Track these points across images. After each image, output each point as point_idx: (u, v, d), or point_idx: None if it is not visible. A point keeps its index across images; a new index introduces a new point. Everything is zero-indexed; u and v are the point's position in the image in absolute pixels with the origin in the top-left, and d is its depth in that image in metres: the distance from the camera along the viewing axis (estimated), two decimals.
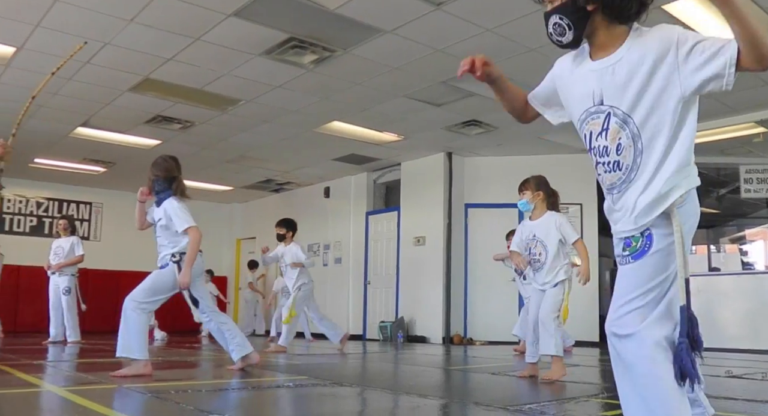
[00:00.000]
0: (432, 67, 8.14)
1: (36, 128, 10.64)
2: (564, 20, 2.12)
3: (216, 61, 8.07)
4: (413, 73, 8.36)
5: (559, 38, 2.16)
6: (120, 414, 3.24)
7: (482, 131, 10.81)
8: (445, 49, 7.60)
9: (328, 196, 15.05)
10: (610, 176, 2.17)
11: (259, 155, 12.77)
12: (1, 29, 7.18)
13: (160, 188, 5.65)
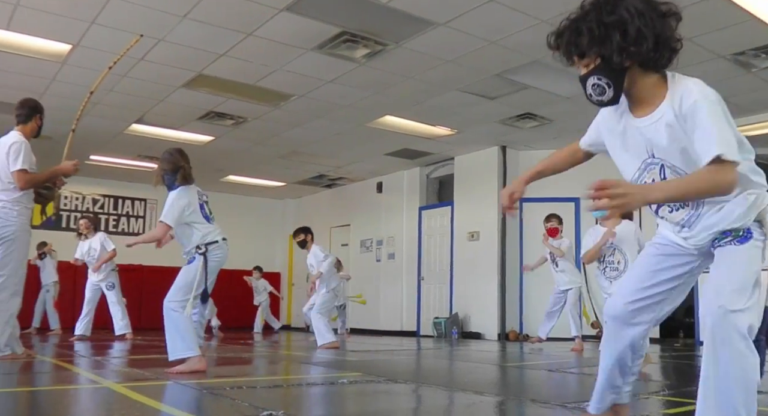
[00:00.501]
0: (486, 59, 8.10)
1: (92, 125, 10.86)
2: (603, 80, 2.22)
3: (268, 57, 8.14)
4: (467, 66, 8.33)
5: (599, 98, 2.27)
6: (176, 410, 3.29)
7: (537, 124, 10.73)
8: (500, 41, 7.56)
9: (381, 191, 15.08)
10: (677, 214, 2.36)
11: (311, 150, 12.85)
12: (58, 27, 7.35)
13: (170, 181, 5.70)
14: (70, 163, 6.13)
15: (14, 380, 4.71)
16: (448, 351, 8.75)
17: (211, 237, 5.56)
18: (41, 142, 9.35)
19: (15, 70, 8.65)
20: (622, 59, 2.18)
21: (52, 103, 9.41)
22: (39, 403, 3.72)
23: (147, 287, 14.04)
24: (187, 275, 5.45)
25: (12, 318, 5.84)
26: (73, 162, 6.15)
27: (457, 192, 13.11)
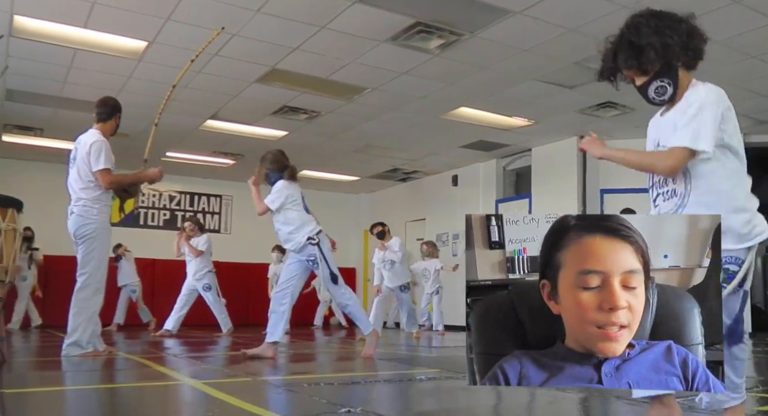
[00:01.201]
0: (564, 47, 7.97)
1: (168, 121, 11.07)
2: (665, 81, 2.64)
3: (341, 50, 8.17)
4: (544, 54, 8.21)
5: (662, 98, 2.69)
6: (254, 407, 3.33)
7: (618, 113, 10.51)
8: (579, 29, 7.42)
9: (456, 184, 15.01)
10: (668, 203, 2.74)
11: (385, 143, 12.87)
12: (134, 24, 7.51)
13: (275, 179, 6.51)
14: (156, 170, 6.36)
15: (96, 377, 4.84)
16: None
17: (316, 228, 6.39)
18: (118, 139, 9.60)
19: (92, 68, 8.88)
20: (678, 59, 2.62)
21: (129, 100, 9.63)
22: (119, 400, 3.81)
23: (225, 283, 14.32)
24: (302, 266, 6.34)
25: (94, 315, 6.01)
26: (158, 169, 6.38)
27: (534, 184, 12.96)
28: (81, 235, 6.03)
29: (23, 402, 3.51)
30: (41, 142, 12.72)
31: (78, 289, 5.99)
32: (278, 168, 6.60)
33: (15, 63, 8.63)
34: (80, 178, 6.10)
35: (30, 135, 12.35)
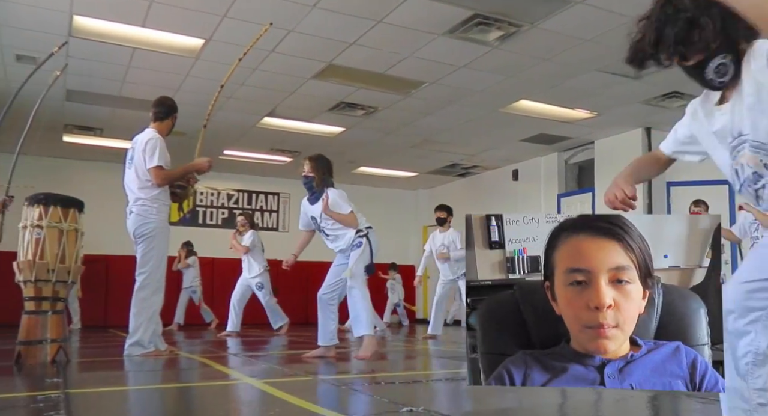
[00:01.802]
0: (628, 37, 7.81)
1: (225, 119, 11.21)
2: (727, 58, 2.18)
3: (398, 44, 8.16)
4: (607, 44, 8.07)
5: (721, 79, 2.22)
6: (315, 406, 3.34)
7: (685, 103, 10.18)
8: None
9: (517, 179, 14.89)
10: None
11: (443, 138, 12.82)
12: (191, 22, 7.61)
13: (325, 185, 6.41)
14: (204, 159, 6.36)
15: (158, 376, 4.91)
16: None
17: (366, 223, 6.35)
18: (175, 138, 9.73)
19: (150, 67, 9.02)
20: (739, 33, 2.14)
21: (186, 98, 9.77)
22: (181, 400, 3.85)
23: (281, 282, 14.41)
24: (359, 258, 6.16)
25: (155, 314, 6.09)
26: (207, 159, 6.38)
27: (598, 178, 12.77)
28: (140, 234, 6.12)
29: (87, 402, 3.57)
30: (101, 142, 12.97)
31: (137, 289, 6.08)
32: (329, 178, 6.45)
33: (74, 63, 8.81)
34: (138, 177, 6.18)
35: (90, 135, 12.60)
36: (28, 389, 4.13)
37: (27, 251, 5.42)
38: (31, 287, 5.35)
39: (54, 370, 4.82)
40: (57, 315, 5.41)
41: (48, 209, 5.48)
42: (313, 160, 6.41)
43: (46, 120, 11.27)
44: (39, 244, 5.40)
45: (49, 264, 5.37)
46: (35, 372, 4.82)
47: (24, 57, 8.33)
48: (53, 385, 3.98)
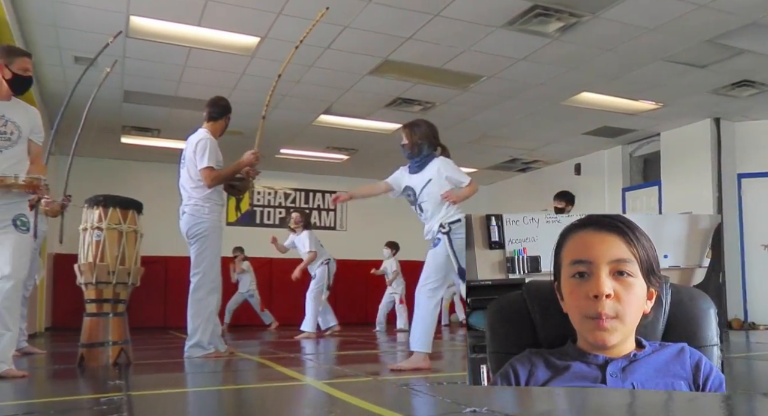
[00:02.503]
0: (695, 24, 7.67)
1: (281, 118, 11.29)
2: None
3: (456, 37, 8.12)
4: (673, 33, 7.93)
5: None
6: (377, 407, 3.33)
7: (756, 91, 10.06)
8: (710, 4, 7.13)
9: (579, 173, 14.73)
10: None
11: (503, 133, 12.74)
12: (246, 20, 7.68)
13: (426, 152, 5.70)
14: (249, 152, 6.36)
15: (218, 378, 4.96)
16: None
17: (453, 215, 5.49)
18: (232, 137, 9.84)
19: (206, 66, 9.13)
20: None
21: (242, 97, 9.88)
22: (242, 401, 3.89)
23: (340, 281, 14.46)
24: (436, 259, 5.44)
25: (212, 315, 6.15)
26: (253, 152, 6.37)
27: (664, 170, 12.57)
28: (193, 234, 6.18)
29: (149, 405, 3.62)
30: (158, 142, 13.19)
31: (193, 290, 6.15)
32: (433, 143, 5.74)
33: (131, 64, 8.97)
34: (191, 177, 6.24)
35: (147, 136, 12.82)
36: (91, 391, 4.21)
37: (87, 253, 5.51)
38: (92, 289, 5.45)
39: (116, 372, 4.90)
40: (118, 317, 5.50)
41: (107, 210, 5.56)
42: (407, 126, 5.81)
43: (104, 122, 11.50)
44: (99, 246, 5.49)
45: (109, 266, 5.46)
46: (97, 375, 4.91)
47: (82, 58, 8.49)
48: (115, 387, 4.04)
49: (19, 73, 4.68)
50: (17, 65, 4.67)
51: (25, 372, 4.65)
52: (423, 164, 5.65)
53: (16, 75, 4.67)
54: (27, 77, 4.76)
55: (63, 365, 5.99)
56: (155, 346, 8.23)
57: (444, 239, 5.35)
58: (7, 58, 4.66)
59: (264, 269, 13.67)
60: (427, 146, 5.67)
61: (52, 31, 7.89)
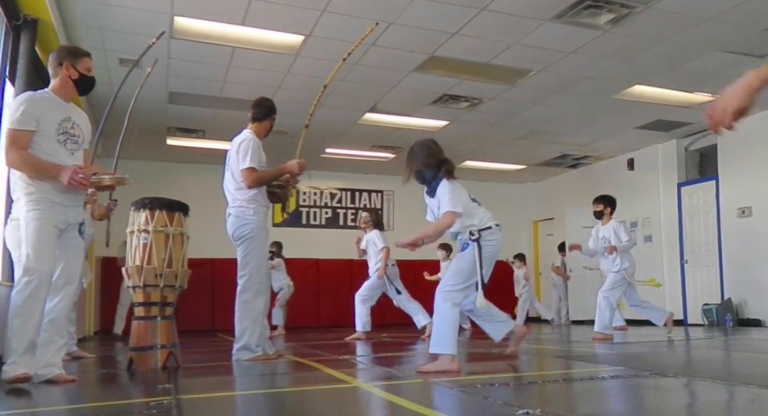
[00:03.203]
0: (753, 13, 7.54)
1: (326, 117, 11.33)
2: None
3: (503, 31, 8.07)
4: (729, 22, 7.80)
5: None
6: (427, 409, 3.32)
7: None
8: None
9: (633, 168, 14.59)
10: None
11: (552, 128, 12.65)
12: (290, 18, 7.72)
13: (430, 176, 5.52)
14: (295, 161, 6.37)
15: (267, 381, 4.98)
16: (723, 341, 8.30)
17: (484, 222, 5.41)
18: (277, 137, 9.89)
19: (251, 66, 9.19)
20: None
21: (286, 97, 9.93)
22: (291, 404, 3.90)
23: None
24: (460, 262, 5.40)
25: (260, 317, 6.17)
26: (298, 161, 6.38)
27: (722, 164, 12.38)
28: (239, 236, 6.21)
29: (198, 408, 3.65)
30: (203, 144, 13.32)
31: (239, 292, 6.17)
32: (434, 164, 5.51)
33: (176, 65, 9.07)
34: (234, 179, 6.26)
35: (192, 137, 12.95)
36: (141, 395, 4.25)
37: (135, 256, 5.56)
38: (140, 292, 5.50)
39: (165, 376, 4.94)
40: (166, 321, 5.54)
41: (154, 213, 5.60)
42: (408, 153, 5.68)
43: (149, 123, 11.65)
44: (146, 249, 5.54)
45: (156, 269, 5.50)
46: (147, 378, 4.96)
47: (126, 60, 8.61)
48: (164, 391, 4.08)
49: (84, 73, 4.77)
50: (83, 65, 4.77)
51: (75, 377, 4.71)
52: (434, 189, 5.51)
53: (83, 75, 4.76)
54: (92, 77, 4.87)
55: (112, 369, 6.07)
56: (203, 349, 8.30)
57: (473, 246, 5.28)
58: (74, 58, 4.75)
59: (311, 271, 13.73)
60: (427, 171, 5.52)
61: (97, 33, 8.01)
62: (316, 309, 13.15)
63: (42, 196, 4.45)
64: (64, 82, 4.73)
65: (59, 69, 4.72)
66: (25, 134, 4.44)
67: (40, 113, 4.53)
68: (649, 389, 4.03)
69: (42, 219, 4.41)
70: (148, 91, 9.66)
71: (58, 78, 4.73)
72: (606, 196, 9.61)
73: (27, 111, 4.47)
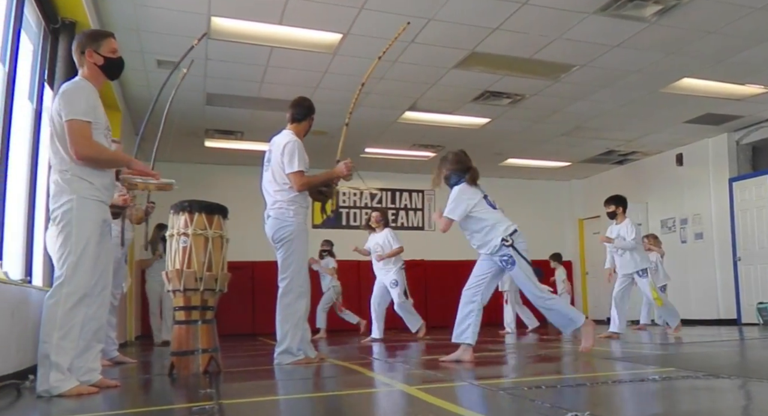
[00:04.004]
0: None
1: (365, 116, 11.35)
2: None
3: (546, 26, 8.03)
4: None
5: None
6: (472, 413, 3.30)
7: None
8: None
9: (681, 163, 14.41)
10: None
11: (597, 124, 12.54)
12: (328, 16, 7.75)
13: (455, 181, 6.22)
14: (343, 164, 6.38)
15: (310, 385, 4.99)
16: None
17: (509, 227, 5.99)
18: (315, 137, 9.92)
19: (289, 66, 9.24)
20: None
21: (325, 96, 9.96)
22: (335, 408, 3.90)
23: (430, 283, 14.44)
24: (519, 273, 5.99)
25: (301, 320, 6.18)
26: (345, 162, 6.39)
27: None
28: (279, 238, 6.22)
29: (241, 413, 3.67)
30: (242, 145, 13.42)
31: (281, 295, 6.19)
32: (460, 170, 6.24)
33: (213, 66, 9.14)
34: (275, 180, 6.27)
35: (231, 139, 13.05)
36: (183, 400, 4.28)
37: (174, 259, 5.60)
38: (180, 296, 5.52)
39: (206, 381, 4.98)
40: (207, 325, 5.56)
41: (193, 216, 5.61)
42: (441, 160, 6.51)
43: (187, 126, 11.76)
44: (186, 252, 5.57)
45: (196, 273, 5.53)
46: (188, 383, 4.99)
47: (165, 62, 8.70)
48: (206, 396, 4.11)
49: (109, 56, 4.51)
50: (106, 48, 4.50)
51: (117, 382, 4.76)
52: None
53: (108, 59, 4.51)
54: (118, 58, 4.59)
55: (154, 374, 6.13)
56: (244, 353, 8.35)
57: (515, 255, 5.83)
58: (95, 43, 4.49)
59: (352, 272, 13.72)
60: (453, 176, 6.28)
61: (135, 35, 8.10)
62: (357, 312, 13.10)
63: (93, 193, 4.30)
64: (92, 71, 4.49)
65: (83, 58, 4.48)
66: (89, 126, 4.26)
67: (95, 104, 4.40)
68: (702, 391, 3.96)
69: (89, 222, 4.28)
70: (185, 93, 9.76)
71: (85, 67, 4.49)
72: (617, 196, 9.75)
73: (88, 101, 4.32)
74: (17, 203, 6.04)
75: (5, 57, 5.43)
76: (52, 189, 4.34)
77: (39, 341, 4.15)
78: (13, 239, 5.85)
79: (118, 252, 6.74)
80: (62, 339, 4.10)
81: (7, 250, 5.48)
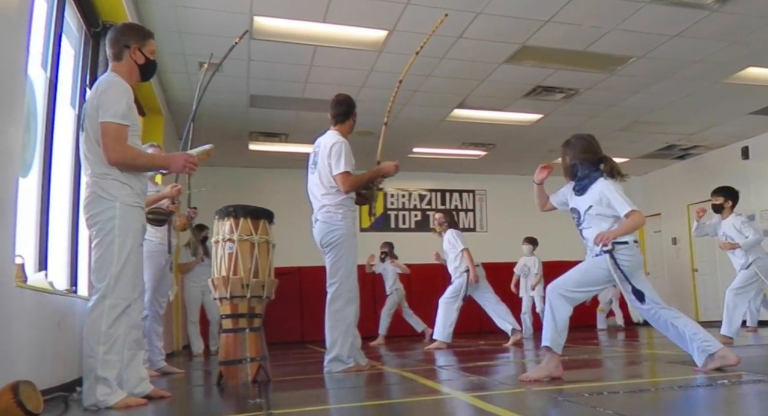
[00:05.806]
0: None
1: (411, 115, 11.36)
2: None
3: (600, 16, 7.97)
4: None
5: None
6: None
7: None
8: None
9: (747, 157, 14.22)
10: None
11: (656, 118, 12.41)
12: (373, 12, 7.78)
13: (585, 173, 5.31)
14: (392, 163, 6.39)
15: (361, 393, 5.01)
16: None
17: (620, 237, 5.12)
18: (360, 138, 9.95)
19: (333, 65, 9.30)
20: None
21: (371, 95, 10.00)
22: None
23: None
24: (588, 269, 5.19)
25: (351, 327, 6.19)
26: (394, 163, 6.40)
27: None
28: (327, 243, 6.24)
29: None
30: (286, 147, 13.52)
31: (330, 301, 6.22)
32: (591, 159, 5.30)
33: (256, 67, 9.22)
34: (321, 183, 6.30)
35: (275, 141, 13.15)
36: (232, 410, 4.32)
37: (221, 266, 5.64)
38: (227, 304, 5.56)
39: (255, 390, 5.01)
40: (255, 333, 5.59)
41: (238, 221, 5.65)
42: (562, 147, 5.50)
43: (231, 129, 11.88)
44: (232, 259, 5.60)
45: (243, 279, 5.56)
46: (237, 393, 5.04)
47: None
48: (256, 406, 4.14)
49: (150, 57, 4.50)
50: (149, 48, 4.49)
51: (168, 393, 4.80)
52: (585, 187, 5.30)
53: (149, 60, 4.50)
54: (155, 61, 4.59)
55: (202, 384, 6.20)
56: (293, 361, 8.40)
57: (606, 258, 5.09)
58: (142, 41, 4.45)
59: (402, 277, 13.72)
60: (582, 166, 5.32)
61: (176, 37, 8.21)
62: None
63: (135, 199, 4.27)
64: (131, 68, 4.43)
65: (124, 51, 4.39)
66: (126, 129, 4.21)
67: (133, 104, 4.34)
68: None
69: (132, 231, 4.24)
70: (229, 95, 9.87)
71: (123, 62, 4.40)
72: (727, 187, 9.17)
73: (129, 102, 4.25)
74: (61, 212, 6.14)
75: (47, 62, 5.52)
76: (88, 193, 4.26)
77: (83, 355, 4.13)
78: (58, 249, 5.95)
79: (163, 259, 6.84)
80: (107, 353, 4.06)
81: (52, 260, 5.57)
